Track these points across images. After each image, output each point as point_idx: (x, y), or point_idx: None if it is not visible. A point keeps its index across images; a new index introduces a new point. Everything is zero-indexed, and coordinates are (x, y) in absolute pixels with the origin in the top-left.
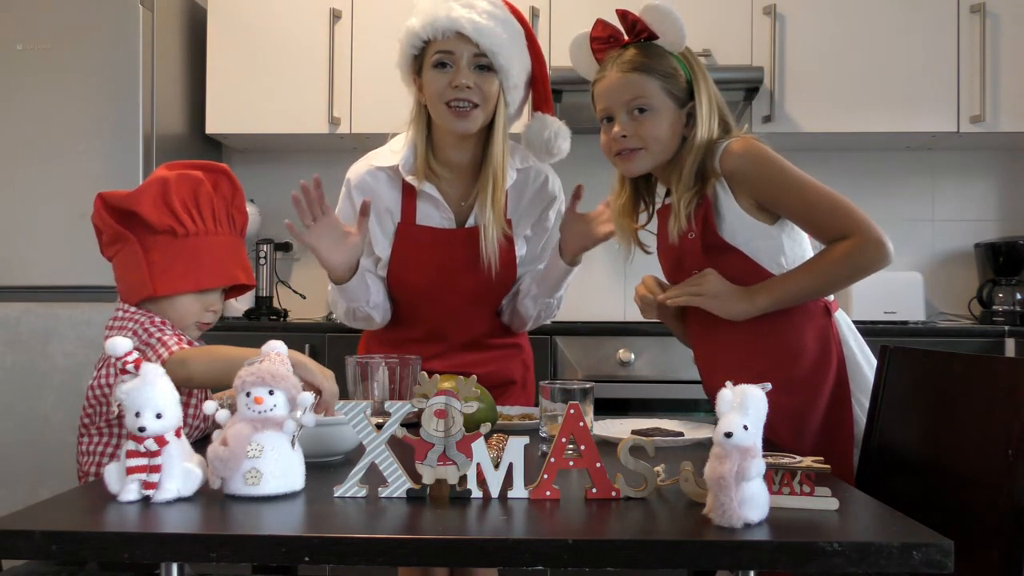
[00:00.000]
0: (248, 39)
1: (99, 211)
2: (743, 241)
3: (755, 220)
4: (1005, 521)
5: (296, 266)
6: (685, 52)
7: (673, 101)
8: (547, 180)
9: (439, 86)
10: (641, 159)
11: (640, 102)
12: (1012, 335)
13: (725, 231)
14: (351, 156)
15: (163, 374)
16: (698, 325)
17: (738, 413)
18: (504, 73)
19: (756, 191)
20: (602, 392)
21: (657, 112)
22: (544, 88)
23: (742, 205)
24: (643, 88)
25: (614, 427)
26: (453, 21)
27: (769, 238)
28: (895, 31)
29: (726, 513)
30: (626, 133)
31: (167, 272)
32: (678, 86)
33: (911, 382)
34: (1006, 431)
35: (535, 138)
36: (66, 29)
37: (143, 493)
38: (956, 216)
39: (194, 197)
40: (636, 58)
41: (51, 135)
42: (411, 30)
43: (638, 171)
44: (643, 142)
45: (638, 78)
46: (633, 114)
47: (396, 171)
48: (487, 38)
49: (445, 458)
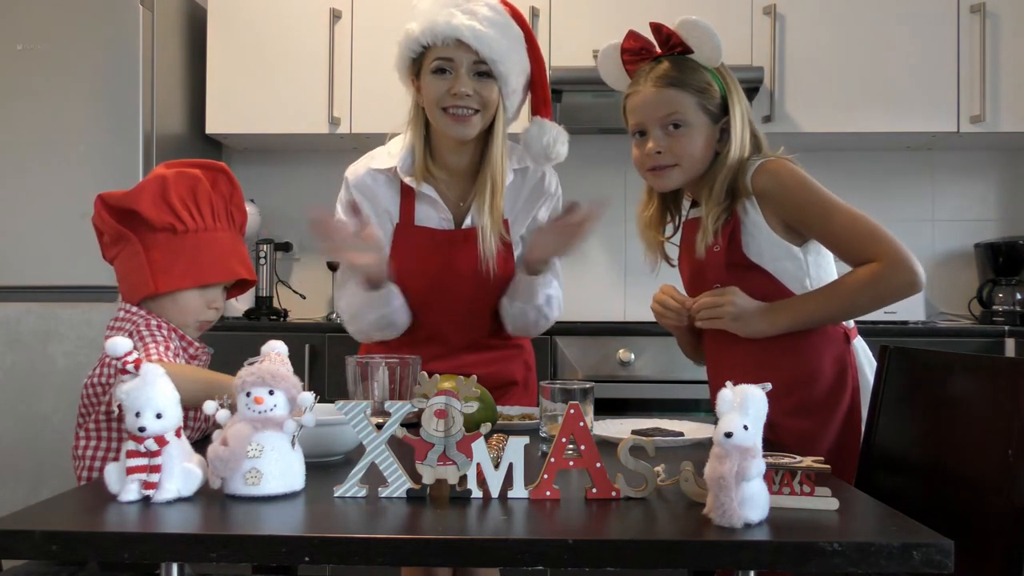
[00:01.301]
0: (248, 39)
1: (99, 212)
2: (769, 260)
3: (782, 240)
4: (1005, 521)
5: (296, 266)
6: (720, 67)
7: (707, 116)
8: (544, 177)
9: (438, 92)
10: (674, 175)
11: (675, 118)
12: (1012, 335)
13: (751, 249)
14: (351, 156)
15: (163, 374)
16: (714, 342)
17: (738, 413)
18: (503, 80)
19: (786, 212)
20: (602, 392)
21: (691, 128)
22: (543, 91)
23: (771, 224)
24: (678, 104)
25: (614, 427)
26: (454, 28)
27: (795, 259)
28: (895, 31)
29: (726, 513)
30: (660, 149)
31: (168, 269)
32: (712, 101)
33: (911, 382)
34: (1006, 431)
35: (534, 143)
36: (66, 29)
37: (143, 493)
38: (956, 216)
39: (193, 194)
40: (671, 73)
41: (51, 135)
42: (410, 35)
43: (670, 187)
44: (677, 159)
45: (673, 94)
46: (667, 129)
47: (394, 173)
48: (487, 46)
49: (445, 458)
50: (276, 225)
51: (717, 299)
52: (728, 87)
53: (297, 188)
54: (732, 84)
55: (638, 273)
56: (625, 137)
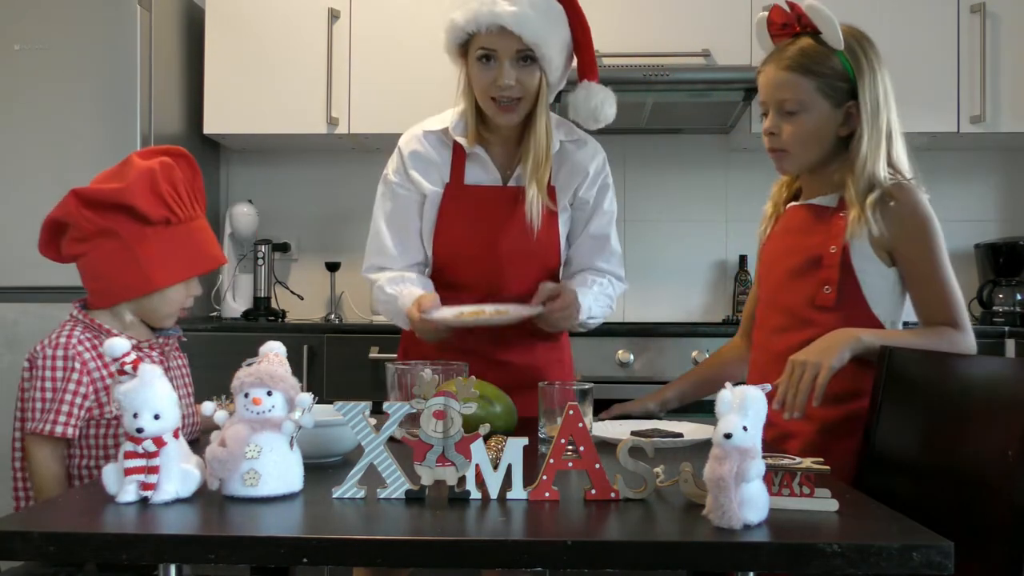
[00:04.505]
0: (246, 39)
1: (75, 208)
2: (859, 269)
3: (875, 254)
4: (1005, 522)
5: (294, 267)
6: (854, 47)
7: (828, 100)
8: (591, 155)
9: (484, 81)
10: (786, 161)
11: (789, 104)
12: (1012, 336)
13: (856, 252)
14: (349, 156)
15: (161, 375)
16: (763, 353)
17: (737, 414)
18: (546, 62)
19: (900, 241)
20: (601, 393)
21: (807, 113)
22: (589, 55)
23: (870, 237)
24: (794, 88)
25: (613, 428)
26: (496, 16)
27: (883, 279)
28: (895, 31)
29: (726, 514)
30: (773, 131)
31: (166, 263)
32: (835, 84)
33: (911, 382)
34: (1006, 431)
35: (581, 107)
36: (63, 29)
37: (141, 494)
38: (956, 216)
39: (174, 183)
40: (795, 56)
41: (49, 135)
42: (455, 24)
43: (787, 172)
44: (785, 145)
45: (791, 78)
46: (783, 114)
47: (447, 133)
48: (530, 31)
49: (444, 459)
50: (274, 225)
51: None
52: (858, 69)
53: (295, 188)
54: (865, 65)
55: (638, 274)
56: (624, 137)
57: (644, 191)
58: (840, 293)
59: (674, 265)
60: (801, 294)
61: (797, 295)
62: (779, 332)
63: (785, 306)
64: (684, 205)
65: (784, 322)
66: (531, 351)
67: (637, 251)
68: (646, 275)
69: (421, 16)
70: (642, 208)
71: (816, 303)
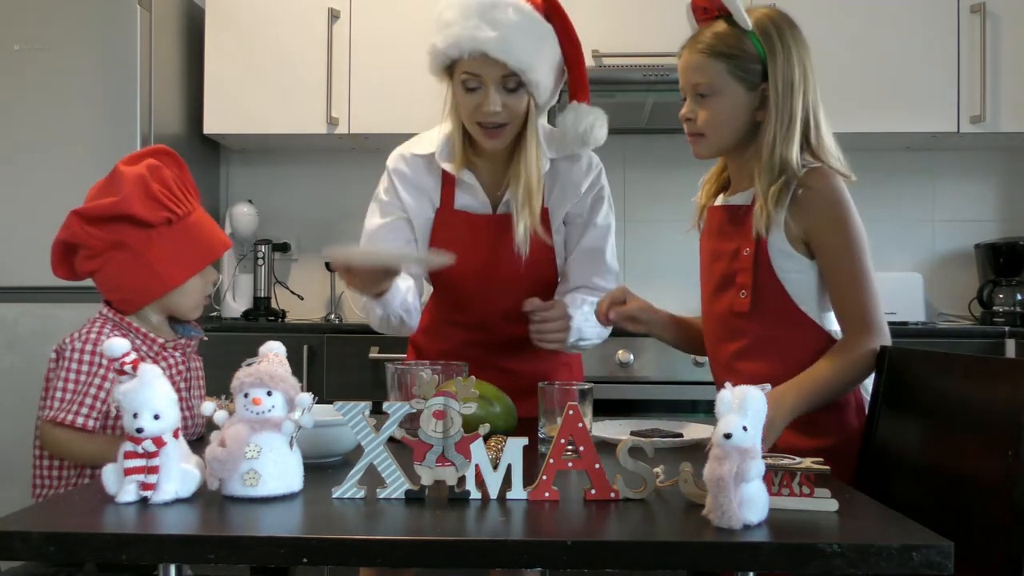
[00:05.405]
0: (246, 39)
1: (81, 228)
2: (779, 268)
3: (793, 249)
4: (1005, 522)
5: (294, 267)
6: (768, 28)
7: (741, 83)
8: (585, 170)
9: (469, 106)
10: (702, 145)
11: (702, 88)
12: (1012, 336)
13: (773, 249)
14: (349, 156)
15: (160, 375)
16: (712, 361)
17: (737, 414)
18: (534, 86)
19: (814, 231)
20: (601, 393)
21: (719, 96)
22: (580, 75)
23: (787, 231)
24: (706, 72)
25: (613, 428)
26: (478, 42)
27: (807, 274)
28: (895, 31)
29: (725, 514)
30: (689, 116)
31: (175, 261)
32: (747, 66)
33: (911, 383)
34: (1006, 432)
35: (570, 129)
36: (63, 29)
37: (141, 494)
38: (956, 216)
39: (165, 182)
40: (708, 39)
41: (49, 135)
42: (436, 48)
43: (703, 156)
44: (701, 129)
45: (703, 61)
46: (697, 98)
47: (433, 158)
48: (515, 57)
49: (444, 459)
50: (274, 225)
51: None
52: (771, 51)
53: (295, 188)
54: (779, 49)
55: (637, 274)
56: (624, 137)
57: (644, 191)
58: (760, 296)
59: (674, 265)
60: (724, 303)
61: (722, 303)
62: (717, 342)
63: (716, 315)
64: (684, 205)
65: (719, 331)
66: (537, 357)
67: (637, 251)
68: (646, 275)
69: (421, 16)
70: (642, 208)
71: (733, 310)
